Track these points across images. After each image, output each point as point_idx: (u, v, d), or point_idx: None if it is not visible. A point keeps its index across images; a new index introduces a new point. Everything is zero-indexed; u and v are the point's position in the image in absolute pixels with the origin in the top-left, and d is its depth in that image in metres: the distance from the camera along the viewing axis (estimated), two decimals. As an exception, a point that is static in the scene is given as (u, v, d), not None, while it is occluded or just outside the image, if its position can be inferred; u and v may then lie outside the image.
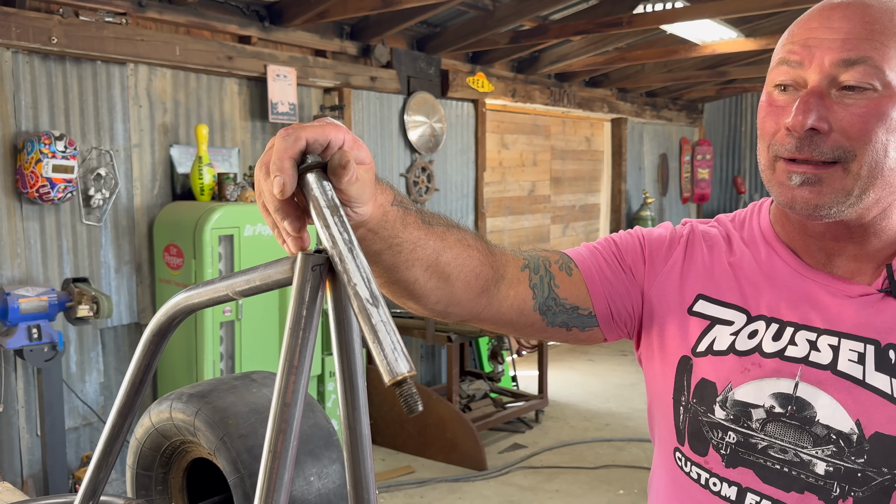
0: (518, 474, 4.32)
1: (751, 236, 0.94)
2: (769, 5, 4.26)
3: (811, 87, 0.79)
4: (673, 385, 0.92)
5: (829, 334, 0.85)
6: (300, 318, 0.60)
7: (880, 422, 0.80)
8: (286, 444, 0.60)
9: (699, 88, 8.54)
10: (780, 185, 0.82)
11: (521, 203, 6.95)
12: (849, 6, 0.79)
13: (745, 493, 0.87)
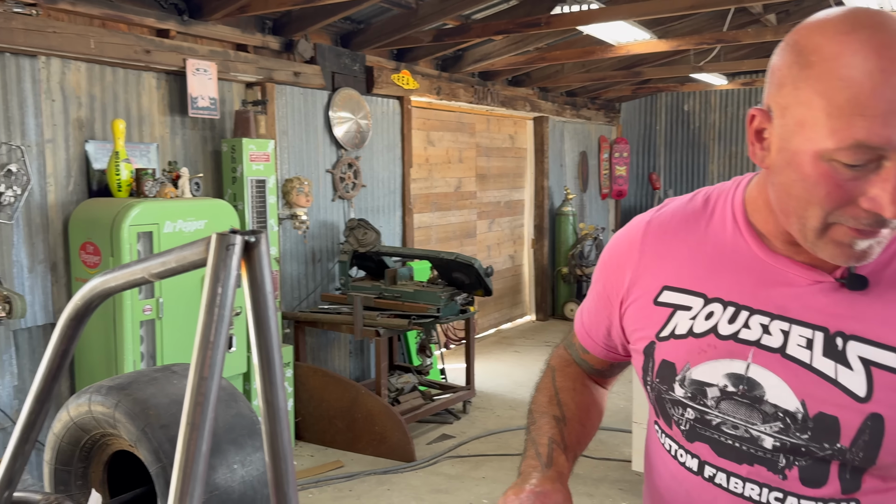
0: (446, 464, 4.40)
1: (722, 215, 0.98)
2: (679, 7, 4.47)
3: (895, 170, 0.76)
4: (642, 367, 1.01)
5: (781, 319, 0.89)
6: (215, 295, 0.64)
7: (824, 403, 0.85)
8: (203, 416, 0.64)
9: (616, 88, 8.83)
10: (835, 245, 0.82)
11: (448, 199, 7.04)
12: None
13: (703, 466, 0.95)
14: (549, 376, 1.19)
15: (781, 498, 0.89)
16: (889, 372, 0.84)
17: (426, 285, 4.99)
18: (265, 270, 0.68)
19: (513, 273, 8.34)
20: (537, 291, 8.55)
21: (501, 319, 8.18)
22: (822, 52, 0.78)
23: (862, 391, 0.84)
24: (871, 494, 0.87)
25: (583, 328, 1.17)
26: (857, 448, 0.85)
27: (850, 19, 0.78)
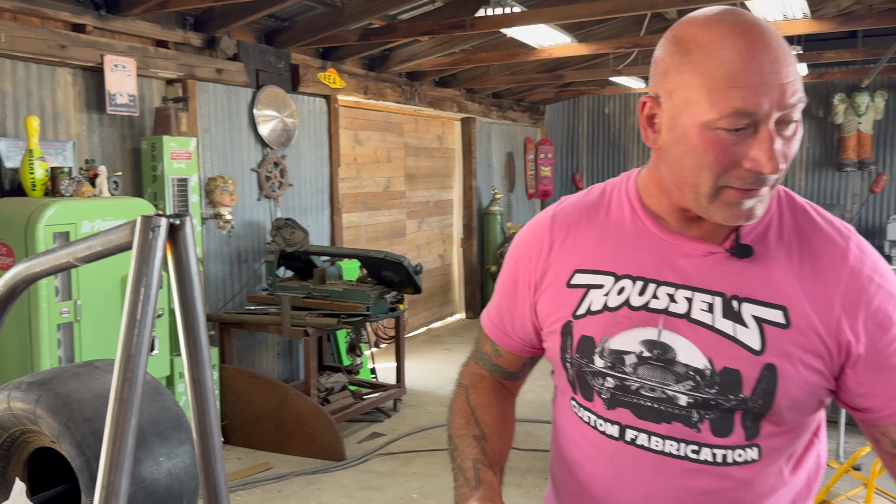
0: (377, 461, 4.43)
1: (619, 203, 1.08)
2: (597, 12, 4.64)
3: (769, 133, 0.88)
4: (559, 347, 1.08)
5: (684, 288, 1.00)
6: (141, 275, 0.66)
7: (727, 359, 0.96)
8: (132, 391, 0.66)
9: (540, 91, 9.04)
10: (726, 206, 0.93)
11: (377, 199, 7.06)
12: (771, 49, 0.88)
13: (625, 430, 1.03)
14: (463, 396, 1.23)
15: (697, 450, 0.99)
16: (776, 327, 0.96)
17: (355, 284, 5.00)
18: (190, 252, 0.71)
19: (443, 272, 8.43)
20: (467, 290, 8.67)
21: (432, 318, 8.25)
22: (697, 40, 0.91)
23: (757, 345, 0.95)
24: (768, 439, 0.98)
25: (496, 327, 1.21)
26: (756, 396, 0.95)
27: (717, 13, 0.93)
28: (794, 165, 9.04)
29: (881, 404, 0.96)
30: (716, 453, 0.99)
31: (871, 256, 0.99)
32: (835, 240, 0.99)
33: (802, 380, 0.96)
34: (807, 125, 8.96)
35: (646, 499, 1.02)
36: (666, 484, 1.00)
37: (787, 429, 0.99)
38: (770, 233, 1.00)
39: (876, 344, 0.95)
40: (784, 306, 0.96)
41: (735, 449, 0.98)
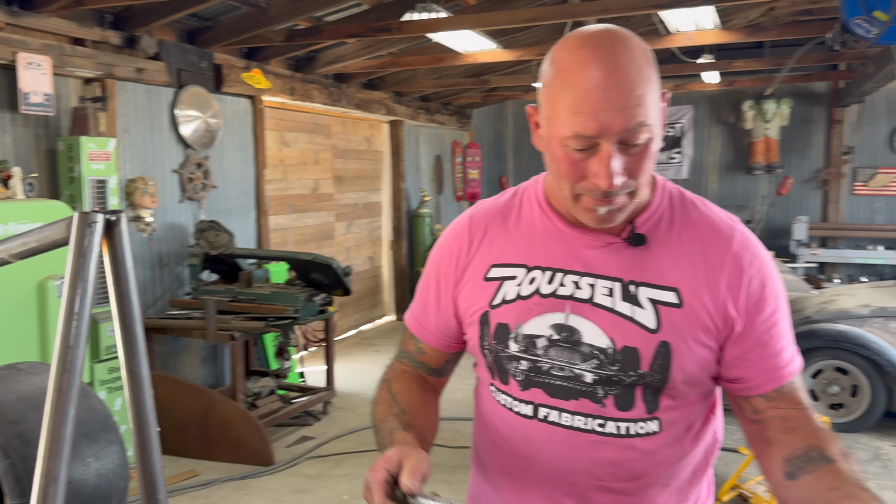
0: (306, 465, 4.41)
1: (529, 204, 1.18)
2: (520, 20, 4.78)
3: (608, 153, 0.97)
4: (478, 336, 1.15)
5: (588, 276, 1.09)
6: (79, 269, 0.68)
7: (627, 338, 1.05)
8: (71, 381, 0.68)
9: (466, 95, 9.18)
10: (586, 211, 1.04)
11: (305, 201, 7.01)
12: (617, 74, 0.96)
13: (538, 409, 1.11)
14: (385, 388, 1.26)
15: (602, 423, 1.08)
16: (670, 307, 1.06)
17: (283, 287, 4.96)
18: (126, 247, 0.73)
19: (372, 274, 8.43)
20: (397, 292, 8.70)
21: (361, 320, 8.24)
22: (562, 62, 1.00)
23: (652, 324, 1.05)
24: (667, 412, 1.08)
25: (420, 325, 1.27)
26: (653, 371, 1.05)
27: (584, 37, 1.00)
28: (707, 169, 9.50)
29: (750, 376, 1.08)
30: (620, 426, 1.07)
31: (752, 243, 1.10)
32: (721, 229, 1.10)
33: (694, 355, 1.06)
34: (718, 131, 9.43)
35: (559, 472, 1.10)
36: (576, 457, 1.08)
37: (683, 403, 1.09)
38: (662, 224, 1.10)
39: (752, 322, 1.07)
40: (676, 288, 1.06)
41: (637, 422, 1.07)
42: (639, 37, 1.03)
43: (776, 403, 1.08)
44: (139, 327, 0.75)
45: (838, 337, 4.80)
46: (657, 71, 1.02)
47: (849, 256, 8.47)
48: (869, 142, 8.81)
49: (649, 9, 4.53)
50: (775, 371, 1.08)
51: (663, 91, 1.04)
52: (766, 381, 1.08)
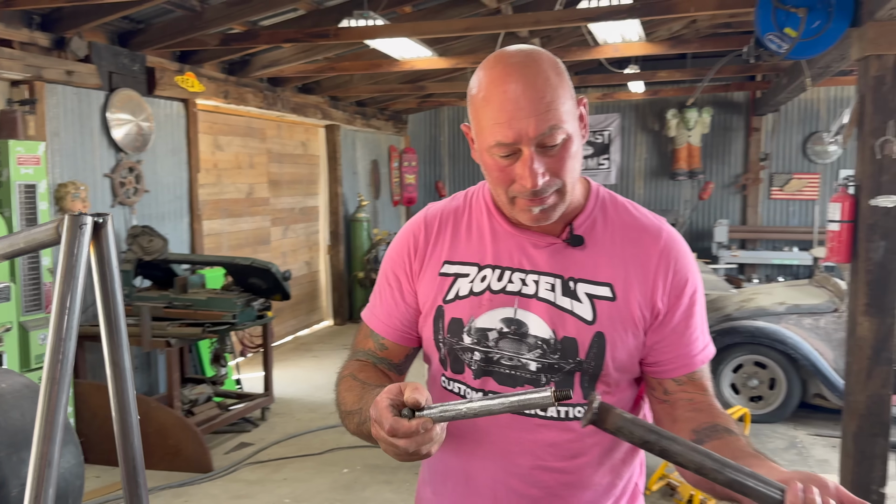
0: (245, 470, 4.39)
1: (478, 207, 1.28)
2: (455, 29, 4.90)
3: (529, 156, 1.08)
4: (433, 330, 1.24)
5: (533, 273, 1.19)
6: (71, 267, 0.74)
7: (567, 329, 1.16)
8: (63, 371, 0.74)
9: (402, 101, 9.26)
10: (522, 212, 1.15)
11: (240, 205, 6.94)
12: (527, 86, 1.07)
13: (488, 395, 1.19)
14: (349, 379, 1.27)
15: (544, 408, 1.17)
16: (604, 300, 1.17)
17: (220, 292, 4.92)
18: (112, 247, 0.79)
19: (309, 279, 8.40)
20: (335, 296, 8.69)
21: (299, 326, 8.20)
22: (481, 82, 1.12)
23: (589, 316, 1.16)
24: (602, 397, 1.17)
25: (381, 322, 1.32)
26: (590, 359, 1.16)
27: (498, 58, 1.13)
28: (634, 175, 9.87)
29: (665, 360, 1.20)
30: (560, 411, 1.18)
31: (677, 242, 1.23)
32: (649, 229, 1.22)
33: (625, 344, 1.17)
34: (644, 138, 9.81)
35: (505, 453, 1.19)
36: (521, 438, 1.18)
37: (616, 389, 1.21)
38: (597, 225, 1.22)
39: (672, 311, 1.19)
40: (610, 283, 1.18)
41: (575, 406, 1.18)
42: (549, 53, 1.15)
43: (686, 387, 1.20)
44: (122, 322, 0.80)
45: (757, 333, 5.10)
46: (569, 81, 1.14)
47: (766, 257, 8.96)
48: (784, 149, 9.35)
49: (578, 21, 4.72)
50: (688, 358, 1.20)
51: (580, 98, 1.16)
52: (679, 367, 1.20)
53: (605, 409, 0.90)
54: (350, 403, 1.20)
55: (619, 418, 0.89)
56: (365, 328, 1.34)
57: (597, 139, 9.85)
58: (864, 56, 3.68)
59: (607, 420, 0.90)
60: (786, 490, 0.87)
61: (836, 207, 3.84)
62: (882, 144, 3.63)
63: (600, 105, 9.77)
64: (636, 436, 0.90)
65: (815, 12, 3.81)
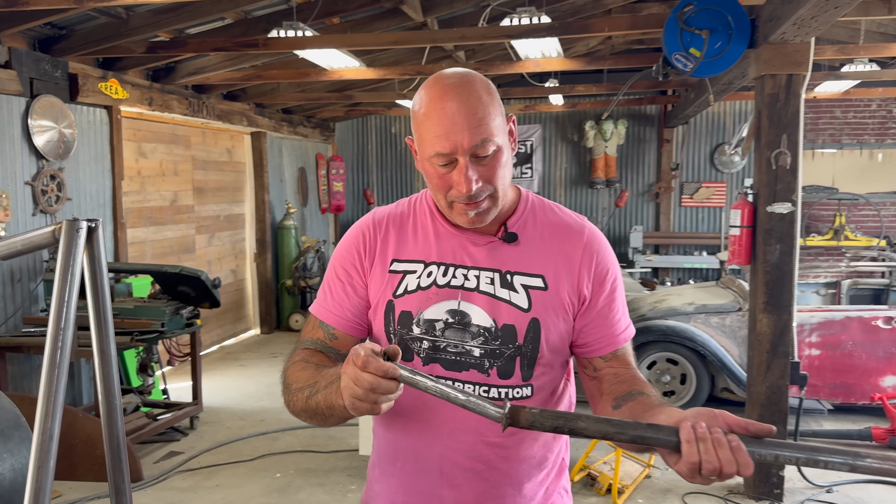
0: (177, 479, 4.37)
1: (423, 211, 1.41)
2: (383, 42, 5.04)
3: (464, 165, 1.23)
4: (384, 322, 1.36)
5: (474, 269, 1.33)
6: (68, 265, 0.85)
7: (506, 317, 1.30)
8: (62, 356, 0.84)
9: (330, 109, 9.31)
10: (460, 215, 1.29)
11: (164, 213, 6.84)
12: (462, 104, 1.22)
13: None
14: (301, 362, 1.35)
15: (487, 389, 1.32)
16: (537, 290, 1.33)
17: (148, 301, 4.88)
18: (102, 249, 0.91)
19: (235, 287, 8.33)
20: (262, 305, 8.64)
21: (225, 335, 8.11)
22: (422, 99, 1.27)
23: (525, 305, 1.32)
24: (538, 379, 1.35)
25: (332, 313, 1.43)
26: (527, 343, 1.32)
27: (438, 79, 1.27)
28: (555, 183, 10.24)
29: (593, 341, 1.38)
30: (501, 391, 1.33)
31: (598, 237, 1.41)
32: (573, 227, 1.40)
33: (557, 328, 1.34)
34: (564, 148, 10.20)
35: (451, 431, 1.34)
36: (466, 416, 1.31)
37: (549, 370, 1.37)
38: (528, 225, 1.39)
39: (596, 297, 1.37)
40: (542, 275, 1.34)
41: (515, 388, 1.34)
42: (482, 76, 1.31)
43: (611, 363, 1.37)
44: (110, 316, 0.91)
45: (668, 332, 5.44)
46: (499, 100, 1.30)
47: (678, 261, 9.46)
48: (694, 159, 9.91)
49: (501, 38, 4.95)
50: (612, 337, 1.38)
51: (509, 115, 1.33)
52: (605, 346, 1.37)
53: (516, 410, 1.06)
54: (302, 380, 1.30)
55: (529, 414, 1.05)
56: (314, 320, 1.44)
57: (520, 149, 10.18)
58: (760, 75, 4.04)
59: (520, 419, 1.06)
60: (679, 430, 1.01)
61: (737, 214, 4.19)
62: (776, 156, 3.99)
63: (523, 116, 10.11)
64: (547, 424, 1.06)
65: (717, 34, 4.15)
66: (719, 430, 0.99)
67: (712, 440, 0.98)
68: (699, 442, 0.98)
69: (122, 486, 0.99)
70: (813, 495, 4.14)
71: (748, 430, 1.00)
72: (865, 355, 5.37)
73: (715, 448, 0.98)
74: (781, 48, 3.91)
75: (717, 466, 0.97)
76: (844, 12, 3.42)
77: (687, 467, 1.00)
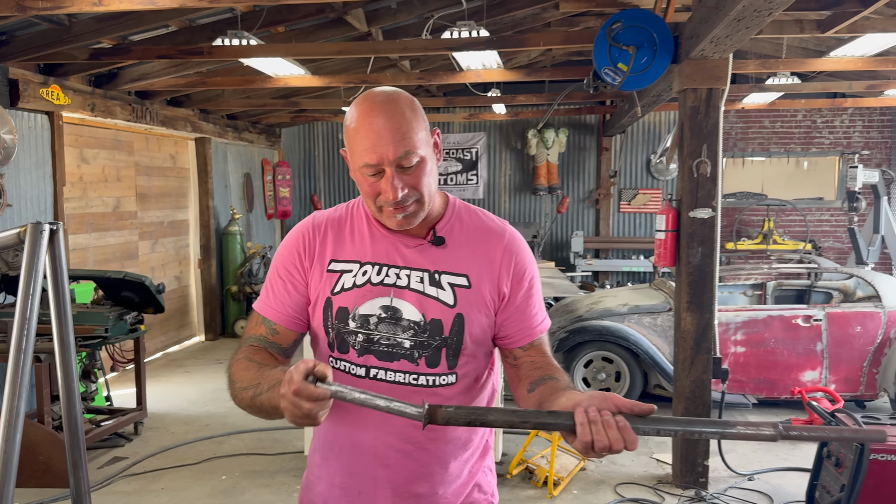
0: (121, 483, 4.39)
1: (359, 215, 1.53)
2: (328, 52, 5.16)
3: (390, 175, 1.36)
4: (323, 318, 1.48)
5: (406, 269, 1.46)
6: (33, 264, 0.97)
7: (434, 312, 1.44)
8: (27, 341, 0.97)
9: (276, 115, 9.35)
10: (389, 218, 1.42)
11: (106, 219, 6.79)
12: (387, 120, 1.35)
13: (370, 370, 1.46)
14: (245, 360, 1.46)
15: (416, 377, 1.46)
16: (462, 288, 1.47)
17: (91, 306, 4.87)
18: (63, 251, 1.03)
19: (179, 294, 8.28)
20: (206, 311, 8.60)
21: (169, 342, 8.06)
22: (353, 115, 1.41)
23: (451, 301, 1.47)
24: (462, 367, 1.50)
25: (274, 309, 1.55)
26: (453, 336, 1.47)
27: (367, 97, 1.41)
28: (500, 189, 10.49)
29: (512, 333, 1.54)
30: (429, 379, 1.48)
31: (517, 240, 1.56)
32: (495, 231, 1.55)
33: (479, 323, 1.49)
34: (508, 156, 10.46)
35: (384, 416, 1.42)
36: None
37: (472, 360, 1.52)
38: (455, 229, 1.53)
39: (515, 294, 1.52)
40: (466, 274, 1.49)
41: (441, 375, 1.48)
42: (408, 94, 1.45)
43: (529, 353, 1.54)
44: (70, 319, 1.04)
45: (603, 331, 5.69)
46: (423, 116, 1.45)
47: (617, 265, 9.80)
48: (631, 166, 10.28)
49: (442, 50, 5.13)
50: (530, 329, 1.54)
51: (434, 129, 1.48)
52: (523, 337, 1.54)
53: (433, 409, 1.21)
54: (246, 380, 1.42)
55: (445, 413, 1.21)
56: (257, 317, 1.56)
57: (465, 156, 10.39)
58: (682, 89, 4.31)
59: (437, 417, 1.21)
60: (574, 414, 1.18)
61: (662, 219, 4.45)
62: (697, 165, 4.27)
63: (468, 124, 10.33)
64: (462, 419, 1.22)
65: (643, 50, 4.40)
66: (609, 413, 1.16)
67: (602, 422, 1.15)
68: (591, 424, 1.15)
69: (83, 489, 1.11)
70: (736, 483, 4.42)
71: (633, 411, 1.17)
72: (787, 352, 5.71)
73: (605, 429, 1.15)
74: (702, 64, 4.19)
75: (607, 444, 1.14)
76: (755, 32, 3.70)
77: (582, 445, 1.16)
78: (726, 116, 10.07)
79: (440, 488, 1.52)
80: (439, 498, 1.52)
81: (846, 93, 8.69)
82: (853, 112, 9.95)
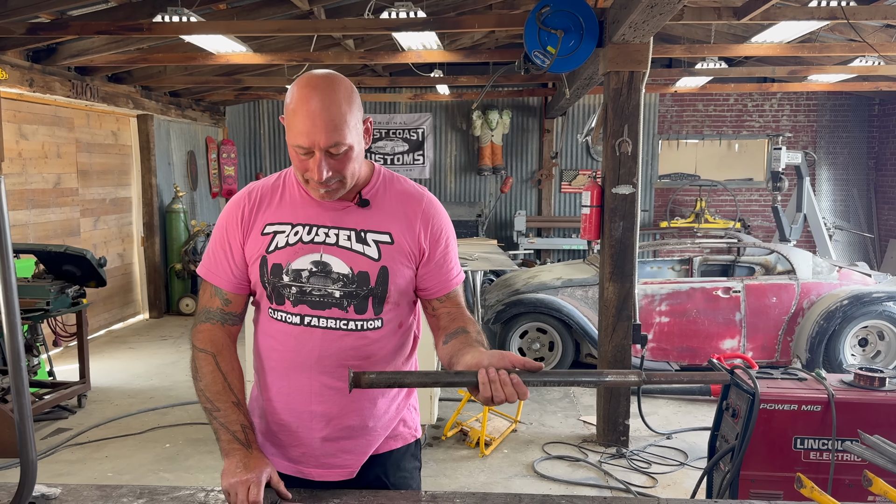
0: (65, 452, 4.48)
1: (291, 183, 1.68)
2: (268, 30, 5.25)
3: (319, 158, 1.51)
4: (259, 274, 1.65)
5: (333, 228, 1.62)
6: None
7: (360, 266, 1.61)
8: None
9: (220, 92, 9.31)
10: (313, 190, 1.58)
11: (47, 196, 6.76)
12: (323, 110, 1.47)
13: (304, 318, 1.63)
14: (212, 362, 1.64)
15: (346, 323, 1.64)
16: (386, 244, 1.65)
17: (32, 280, 4.91)
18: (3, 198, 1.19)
19: (123, 272, 8.26)
20: (150, 289, 8.60)
21: (112, 319, 8.05)
22: (293, 95, 1.54)
23: (376, 256, 1.65)
24: (387, 314, 1.69)
25: (218, 276, 1.72)
26: (378, 286, 1.66)
27: (308, 79, 1.53)
28: (446, 170, 10.68)
29: (431, 286, 1.74)
30: (357, 324, 1.67)
31: (434, 203, 1.76)
32: (414, 195, 1.74)
33: (402, 274, 1.68)
34: (453, 136, 10.64)
35: (318, 358, 1.66)
36: (329, 346, 1.65)
37: (396, 307, 1.71)
38: (379, 193, 1.72)
39: (433, 251, 1.72)
40: (389, 232, 1.68)
41: (368, 321, 1.67)
42: (347, 81, 1.60)
43: (445, 304, 1.75)
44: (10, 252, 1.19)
45: (538, 304, 5.97)
46: (358, 104, 1.61)
47: (558, 243, 10.13)
48: (571, 148, 10.59)
49: (381, 30, 5.27)
50: (446, 282, 1.74)
51: (367, 117, 1.65)
52: (440, 289, 1.74)
53: (358, 375, 1.43)
54: (211, 391, 1.62)
55: (367, 378, 1.43)
56: (209, 287, 1.72)
57: (411, 136, 10.54)
58: (606, 72, 4.57)
59: (361, 382, 1.43)
60: (477, 374, 1.43)
61: (588, 195, 4.72)
62: (619, 144, 4.54)
63: (413, 105, 10.46)
64: (382, 383, 1.45)
65: (571, 34, 4.63)
66: (505, 372, 1.41)
67: (500, 380, 1.41)
68: (491, 383, 1.41)
69: (30, 458, 1.26)
70: (655, 441, 4.75)
71: (525, 367, 1.44)
72: (708, 322, 6.09)
73: (502, 386, 1.41)
74: (624, 48, 4.45)
75: (504, 398, 1.41)
76: (669, 18, 3.97)
77: (483, 399, 1.43)
78: (662, 100, 10.45)
79: (370, 421, 1.72)
80: (369, 430, 1.72)
81: (773, 78, 9.13)
82: (781, 97, 10.44)
